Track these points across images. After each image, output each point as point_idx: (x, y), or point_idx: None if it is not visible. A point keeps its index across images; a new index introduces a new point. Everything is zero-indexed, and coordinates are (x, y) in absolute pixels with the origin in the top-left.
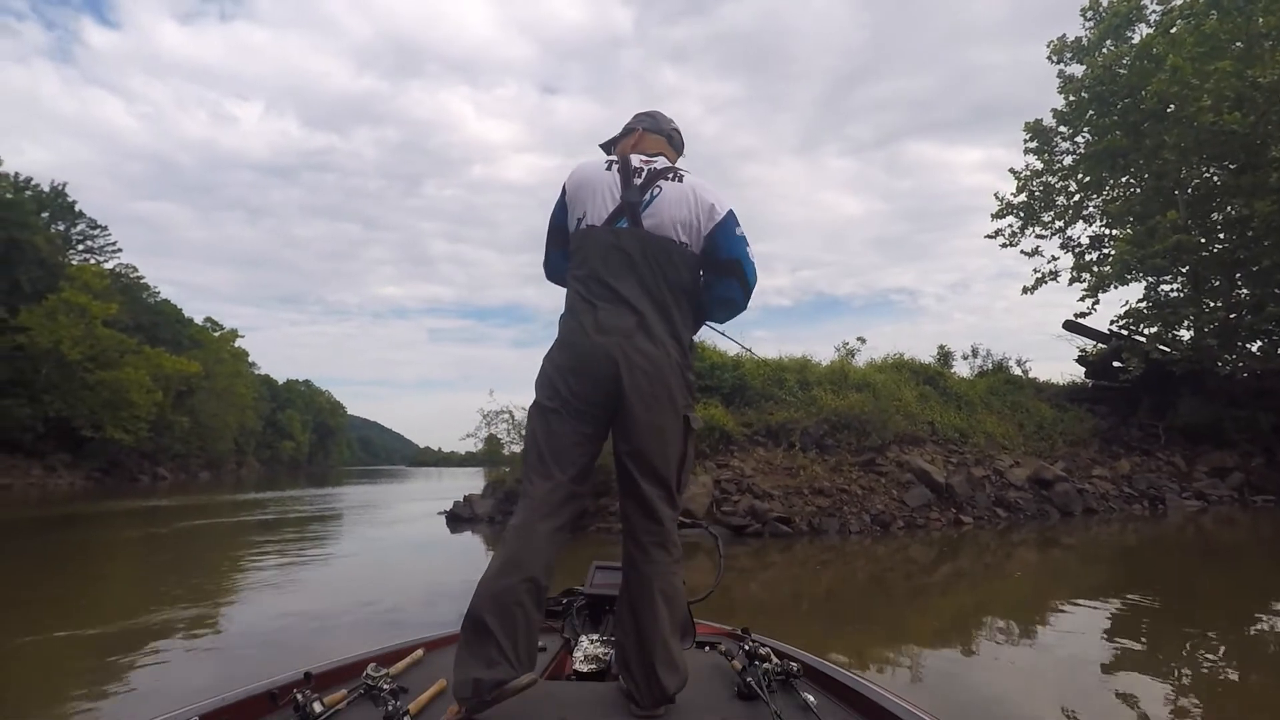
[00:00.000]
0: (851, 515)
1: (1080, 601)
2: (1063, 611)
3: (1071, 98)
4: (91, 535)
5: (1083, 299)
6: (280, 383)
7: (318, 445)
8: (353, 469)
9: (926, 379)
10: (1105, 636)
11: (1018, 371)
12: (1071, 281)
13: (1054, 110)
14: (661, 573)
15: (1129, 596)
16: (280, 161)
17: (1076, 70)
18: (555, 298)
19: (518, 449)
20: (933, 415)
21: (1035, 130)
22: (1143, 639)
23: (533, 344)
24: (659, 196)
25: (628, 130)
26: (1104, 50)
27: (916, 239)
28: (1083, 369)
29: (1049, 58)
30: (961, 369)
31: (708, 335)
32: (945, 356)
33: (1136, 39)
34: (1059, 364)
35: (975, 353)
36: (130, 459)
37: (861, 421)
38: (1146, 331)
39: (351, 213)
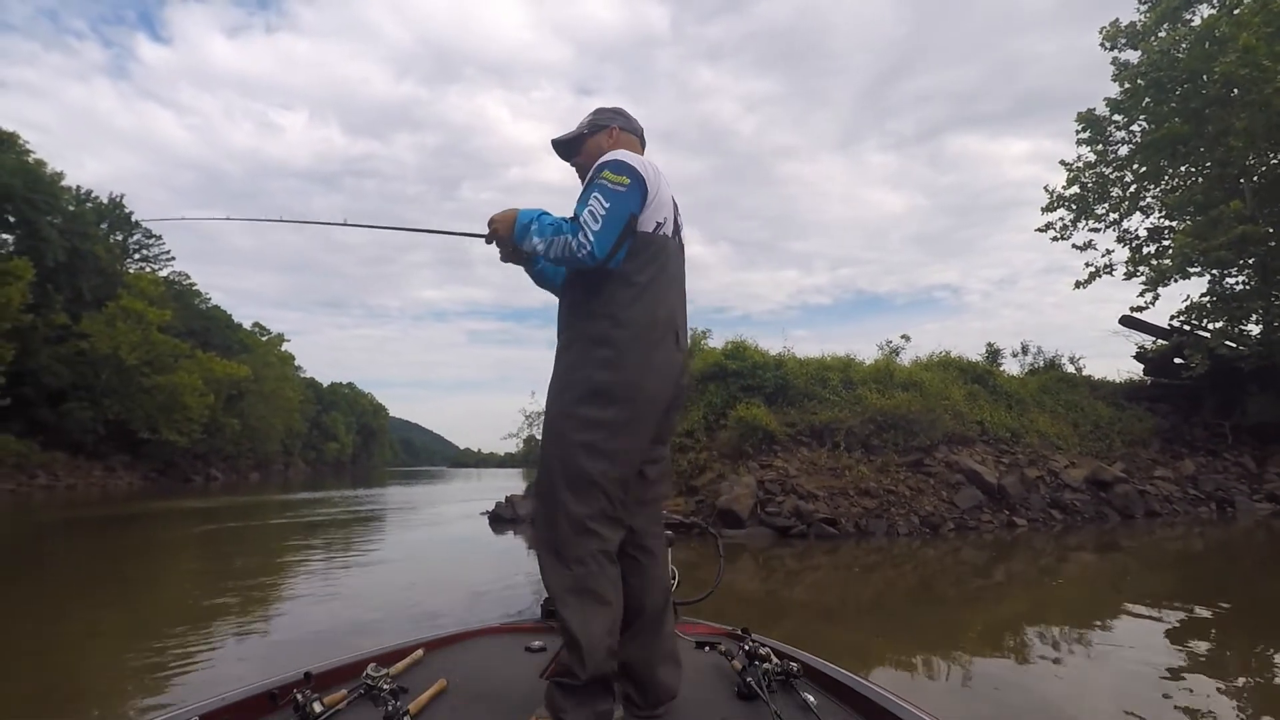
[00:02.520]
0: (899, 517)
1: (1141, 609)
2: (1121, 620)
3: (1126, 85)
4: (152, 533)
5: (1141, 293)
6: (325, 385)
7: (361, 446)
8: (395, 470)
9: (975, 377)
10: (1167, 647)
11: (1071, 369)
12: (1128, 276)
13: (1107, 99)
14: (665, 574)
15: (1194, 605)
16: (323, 169)
17: (1131, 56)
18: None
19: None
20: (982, 414)
21: (1088, 120)
22: (1208, 651)
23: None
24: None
25: (598, 126)
26: (1160, 34)
27: (960, 234)
28: (1141, 366)
29: (1101, 44)
30: (1011, 367)
31: (748, 334)
32: (994, 354)
33: (1196, 21)
34: (1115, 361)
35: (1025, 350)
36: (184, 460)
37: (908, 421)
38: (1211, 326)
39: (392, 217)
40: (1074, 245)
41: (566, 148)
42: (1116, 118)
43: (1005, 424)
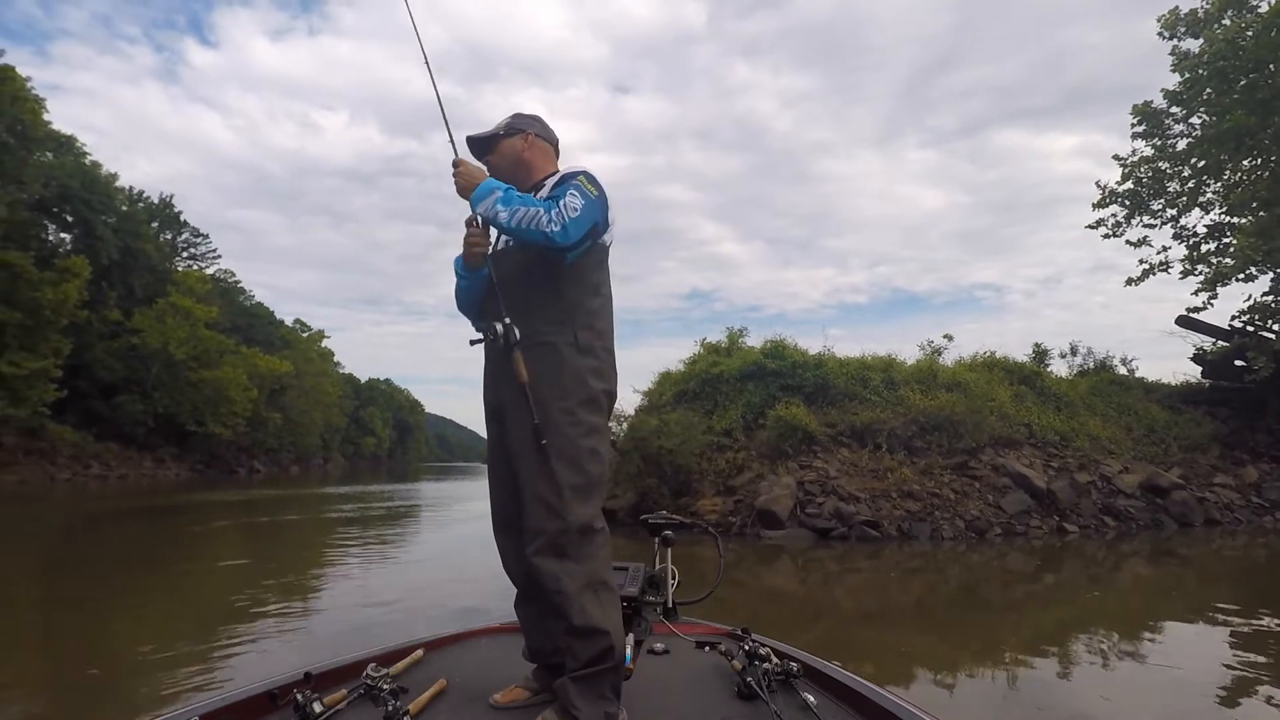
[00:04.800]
0: (944, 520)
1: (1197, 622)
2: (1176, 633)
3: (1186, 75)
4: (199, 524)
5: (1197, 292)
6: (363, 381)
7: (397, 441)
8: (430, 465)
9: (1021, 378)
10: (1223, 665)
11: (1123, 371)
12: (1185, 274)
13: (1164, 90)
14: None
15: (1254, 619)
16: (363, 168)
17: (1192, 45)
18: (624, 297)
19: None
20: (1029, 417)
21: (1144, 113)
22: (1268, 669)
23: None
24: None
25: (515, 130)
26: (1225, 21)
27: (1002, 232)
28: (1199, 368)
29: (1160, 33)
30: (1059, 368)
31: (787, 333)
32: (1041, 355)
33: (1264, 8)
34: (1169, 363)
35: (1074, 351)
36: (229, 452)
37: (953, 423)
38: (1276, 327)
39: (428, 215)
40: (1127, 242)
41: (481, 145)
42: (1175, 110)
43: (1054, 427)
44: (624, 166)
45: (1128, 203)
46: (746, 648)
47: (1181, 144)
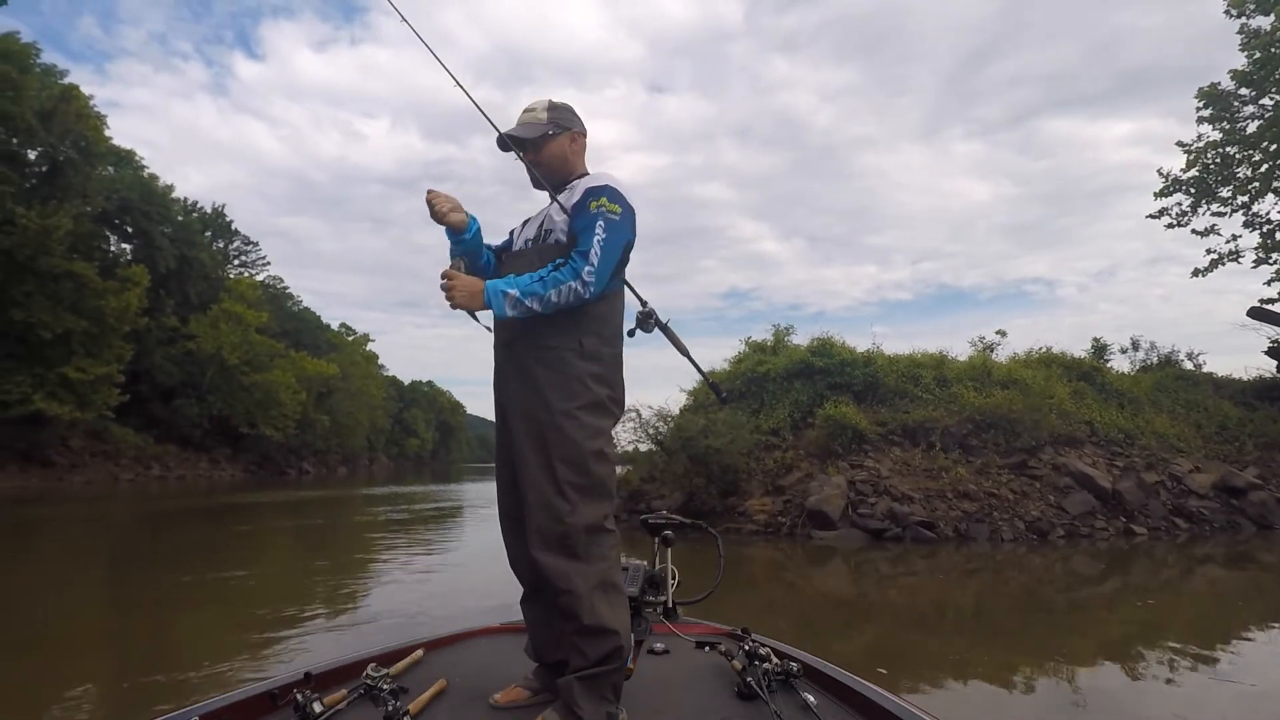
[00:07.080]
0: (1003, 522)
1: (1274, 631)
2: (1255, 641)
3: (1257, 54)
4: (256, 524)
5: (1270, 282)
6: (406, 384)
7: (440, 442)
8: (472, 465)
9: (1080, 375)
10: None
11: (1189, 366)
12: (1257, 263)
13: (1232, 71)
14: None
15: None
16: (404, 173)
17: (1263, 23)
18: (663, 297)
19: (644, 447)
20: (1091, 414)
21: (1210, 96)
22: None
23: (636, 343)
24: None
25: (561, 128)
26: None
27: (1053, 224)
28: (1274, 362)
29: (1227, 11)
30: (1119, 364)
31: (829, 331)
32: (1100, 350)
33: None
34: (1237, 357)
35: (1136, 346)
36: (279, 454)
37: (1010, 421)
38: None
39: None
40: (1193, 231)
41: (522, 144)
42: (1244, 91)
43: (1117, 424)
44: (662, 166)
45: (1193, 190)
46: (746, 648)
47: (1252, 127)
